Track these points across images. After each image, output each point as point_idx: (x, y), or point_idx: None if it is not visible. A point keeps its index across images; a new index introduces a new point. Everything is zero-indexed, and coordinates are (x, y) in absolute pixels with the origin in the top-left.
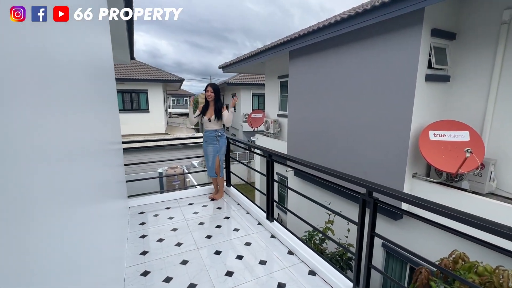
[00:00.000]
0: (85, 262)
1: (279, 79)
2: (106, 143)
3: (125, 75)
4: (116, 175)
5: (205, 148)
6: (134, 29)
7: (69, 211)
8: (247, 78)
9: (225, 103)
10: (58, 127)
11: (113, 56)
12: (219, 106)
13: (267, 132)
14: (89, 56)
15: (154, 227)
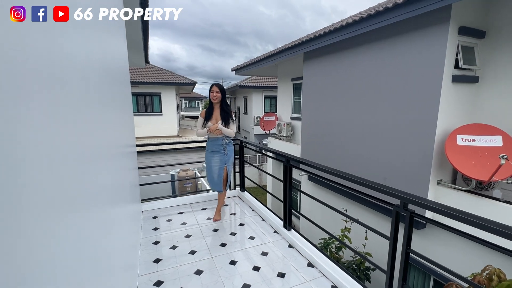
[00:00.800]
0: (97, 270)
1: (292, 82)
2: (120, 146)
3: (139, 78)
4: (130, 179)
5: (209, 160)
6: (149, 33)
7: (81, 215)
8: (258, 81)
9: (235, 107)
10: (69, 129)
11: (129, 60)
12: (226, 109)
13: (279, 135)
14: (104, 57)
15: (167, 233)
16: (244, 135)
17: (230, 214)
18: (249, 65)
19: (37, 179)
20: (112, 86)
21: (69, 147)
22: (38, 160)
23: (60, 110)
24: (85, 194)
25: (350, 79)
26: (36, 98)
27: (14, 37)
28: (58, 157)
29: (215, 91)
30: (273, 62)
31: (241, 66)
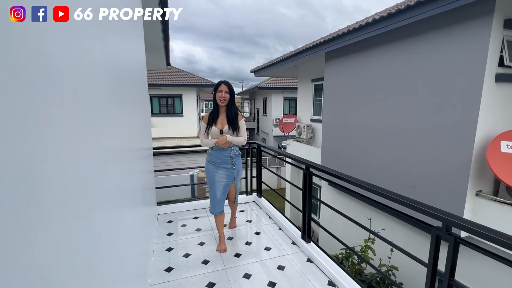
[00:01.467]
0: (101, 278)
1: (313, 82)
2: (132, 149)
3: (162, 81)
4: (145, 182)
5: (212, 174)
6: (170, 37)
7: (82, 218)
8: (278, 82)
9: (254, 108)
10: (79, 130)
11: (151, 63)
12: (234, 112)
13: (299, 137)
14: (116, 58)
15: (181, 239)
16: (263, 137)
17: (246, 221)
18: (269, 66)
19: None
20: (125, 88)
21: (74, 149)
22: (41, 162)
23: (67, 112)
24: (89, 197)
25: (376, 79)
26: (48, 100)
27: (18, 37)
28: (64, 159)
29: (224, 90)
30: (293, 63)
31: (260, 67)
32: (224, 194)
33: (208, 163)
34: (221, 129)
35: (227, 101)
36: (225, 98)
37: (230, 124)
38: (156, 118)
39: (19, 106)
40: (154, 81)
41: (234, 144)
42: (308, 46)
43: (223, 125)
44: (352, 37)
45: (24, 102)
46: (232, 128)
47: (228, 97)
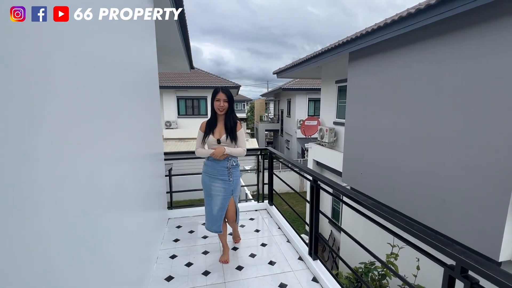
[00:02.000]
0: (97, 283)
1: (336, 84)
2: (140, 153)
3: (188, 83)
4: (152, 186)
5: (208, 186)
6: (189, 39)
7: (81, 222)
8: (303, 83)
9: (278, 109)
10: (79, 132)
11: (174, 66)
12: (233, 121)
13: (321, 140)
14: (125, 61)
15: (186, 247)
16: (287, 138)
17: (254, 231)
18: (291, 67)
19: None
20: (133, 93)
21: (74, 151)
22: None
23: (82, 111)
24: (81, 200)
25: (406, 82)
26: (58, 102)
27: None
28: (60, 161)
29: (222, 99)
30: (316, 64)
31: (283, 69)
32: (222, 211)
33: (203, 174)
34: (218, 138)
35: (226, 109)
36: (223, 107)
37: (228, 133)
38: (182, 119)
39: (33, 110)
40: (181, 84)
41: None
42: (331, 46)
43: (220, 134)
44: (377, 36)
45: (37, 106)
46: (230, 138)
47: (227, 105)
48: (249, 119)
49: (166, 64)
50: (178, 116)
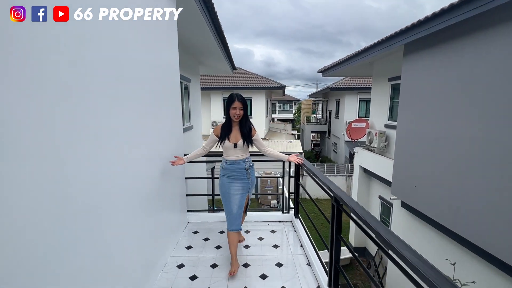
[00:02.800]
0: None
1: (390, 82)
2: (156, 155)
3: (233, 84)
4: (168, 188)
5: (227, 187)
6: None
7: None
8: (353, 82)
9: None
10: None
11: (216, 68)
12: (248, 127)
13: (369, 145)
14: (145, 66)
15: (196, 256)
16: (334, 141)
17: (273, 246)
18: (337, 65)
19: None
20: (152, 94)
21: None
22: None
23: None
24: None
25: (481, 77)
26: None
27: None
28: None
29: (238, 108)
30: (365, 59)
31: (328, 67)
32: (240, 208)
33: (222, 177)
34: (235, 142)
35: (241, 117)
36: (239, 115)
37: (245, 138)
38: None
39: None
40: (225, 85)
41: (246, 157)
42: (382, 39)
43: (237, 139)
44: (442, 21)
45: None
46: (247, 143)
47: (242, 113)
48: (296, 120)
49: (208, 66)
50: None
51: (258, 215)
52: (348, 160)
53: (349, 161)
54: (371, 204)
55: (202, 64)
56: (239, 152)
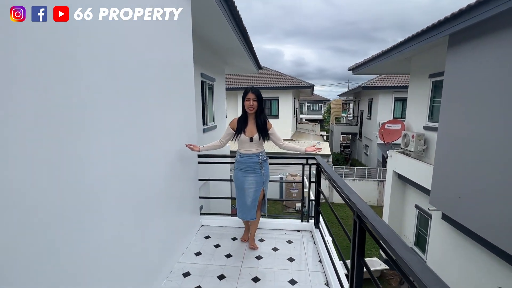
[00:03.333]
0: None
1: (431, 79)
2: (166, 155)
3: (260, 84)
4: (182, 189)
5: (241, 181)
6: (251, 41)
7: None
8: (388, 80)
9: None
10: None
11: (241, 67)
12: (263, 120)
13: (405, 149)
14: (156, 65)
15: (204, 264)
16: (366, 143)
17: (287, 259)
18: (370, 61)
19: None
20: (163, 91)
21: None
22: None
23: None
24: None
25: None
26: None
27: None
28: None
29: (251, 98)
30: (402, 54)
31: (360, 64)
32: (255, 201)
33: (236, 170)
34: (251, 136)
35: (256, 108)
36: (253, 106)
37: (260, 132)
38: None
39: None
40: (252, 84)
41: (261, 151)
42: (423, 29)
43: (252, 133)
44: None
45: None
46: (262, 136)
47: (256, 104)
48: (325, 121)
49: (233, 65)
50: None
51: (274, 222)
52: (381, 164)
53: (381, 165)
54: (406, 213)
55: (227, 63)
56: (254, 146)
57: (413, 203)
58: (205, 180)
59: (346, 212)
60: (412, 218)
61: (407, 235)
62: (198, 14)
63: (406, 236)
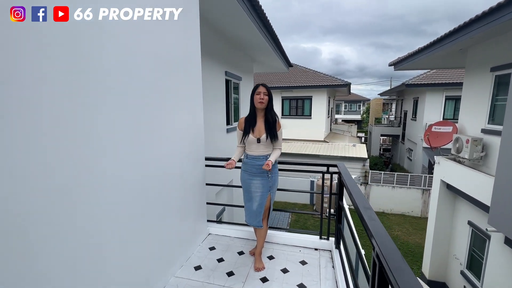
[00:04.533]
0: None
1: (493, 72)
2: (168, 159)
3: (293, 83)
4: (185, 195)
5: (248, 183)
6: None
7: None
8: (437, 76)
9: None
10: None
11: (270, 65)
12: (273, 117)
13: (457, 155)
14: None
15: (200, 282)
16: (409, 147)
17: (297, 286)
18: (416, 54)
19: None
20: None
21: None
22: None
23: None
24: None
25: None
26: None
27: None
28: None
29: (262, 92)
30: (455, 43)
31: (403, 58)
32: (261, 207)
33: (242, 172)
34: (258, 137)
35: (266, 104)
36: (263, 99)
37: (268, 132)
38: (285, 120)
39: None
40: (285, 84)
41: (269, 153)
42: (485, 11)
43: (260, 133)
44: None
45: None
46: (270, 137)
47: (267, 99)
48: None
49: (260, 63)
50: (281, 117)
51: (288, 236)
52: (427, 170)
53: (427, 172)
54: (456, 230)
55: (254, 61)
56: (261, 147)
57: (465, 219)
58: (220, 185)
59: (384, 223)
60: (463, 236)
61: (457, 255)
62: (215, 7)
63: (456, 257)
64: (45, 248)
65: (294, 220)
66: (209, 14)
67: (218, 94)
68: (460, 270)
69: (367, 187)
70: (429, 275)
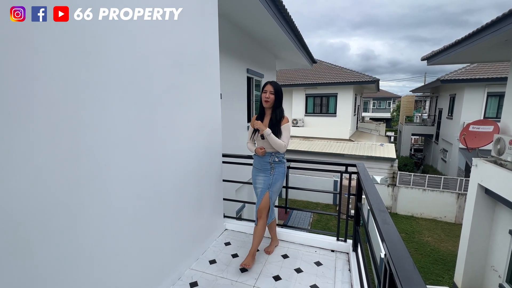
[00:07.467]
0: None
1: None
2: (186, 151)
3: (318, 80)
4: (203, 191)
5: (254, 178)
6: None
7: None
8: (478, 71)
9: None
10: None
11: (293, 62)
12: (279, 115)
13: (498, 157)
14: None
15: (214, 275)
16: (444, 147)
17: (310, 286)
18: (452, 46)
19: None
20: (184, 90)
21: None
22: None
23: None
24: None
25: None
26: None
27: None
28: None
29: (268, 91)
30: (500, 34)
31: (437, 52)
32: (259, 203)
33: (252, 168)
34: (262, 133)
35: (272, 102)
36: (268, 98)
37: (272, 128)
38: (309, 118)
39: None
40: (310, 81)
41: (274, 151)
42: None
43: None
44: None
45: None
46: (273, 132)
47: (273, 98)
48: (394, 120)
49: (283, 59)
50: (305, 114)
51: (304, 236)
52: (463, 173)
53: (464, 175)
54: (495, 239)
55: (277, 57)
56: (266, 144)
57: (506, 228)
58: (237, 182)
59: (413, 227)
60: (504, 246)
61: (495, 267)
62: (236, 4)
63: (494, 268)
64: (62, 241)
65: (316, 220)
66: (230, 11)
67: (240, 91)
68: (499, 283)
69: (395, 188)
70: (462, 285)
